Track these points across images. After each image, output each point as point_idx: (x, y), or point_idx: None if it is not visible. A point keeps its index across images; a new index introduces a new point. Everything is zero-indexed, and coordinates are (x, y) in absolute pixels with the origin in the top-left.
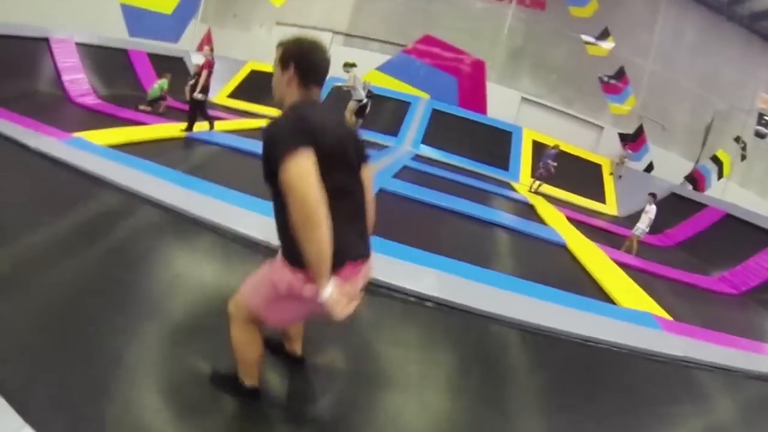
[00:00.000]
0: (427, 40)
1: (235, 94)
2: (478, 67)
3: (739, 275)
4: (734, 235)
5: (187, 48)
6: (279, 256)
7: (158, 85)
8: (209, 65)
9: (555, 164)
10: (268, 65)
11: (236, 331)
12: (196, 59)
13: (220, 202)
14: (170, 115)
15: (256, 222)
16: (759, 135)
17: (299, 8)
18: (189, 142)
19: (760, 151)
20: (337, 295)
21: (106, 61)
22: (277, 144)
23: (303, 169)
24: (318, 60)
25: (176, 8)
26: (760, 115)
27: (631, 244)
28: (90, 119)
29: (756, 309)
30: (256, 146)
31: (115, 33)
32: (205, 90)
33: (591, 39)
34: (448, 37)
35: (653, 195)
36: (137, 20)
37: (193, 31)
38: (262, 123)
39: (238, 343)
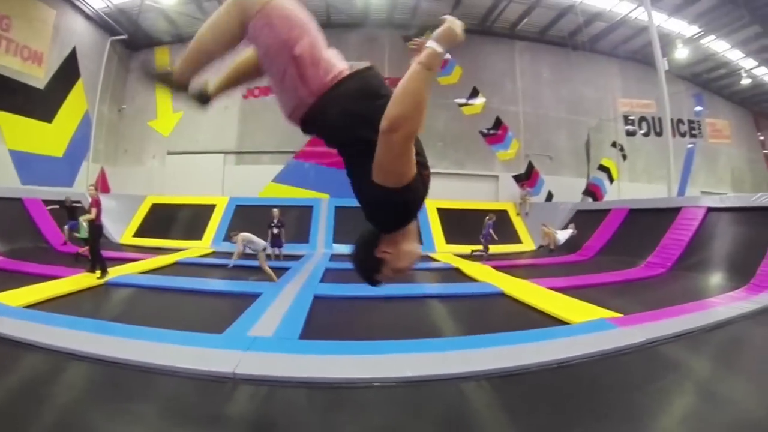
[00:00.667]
0: (315, 141)
1: (140, 232)
2: None
3: (660, 255)
4: (642, 223)
5: (82, 190)
6: None
7: (84, 218)
8: (96, 203)
9: (492, 232)
10: (167, 197)
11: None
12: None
13: (154, 344)
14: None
15: (194, 355)
16: (630, 134)
17: (188, 134)
18: (108, 288)
19: (635, 147)
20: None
21: (1, 214)
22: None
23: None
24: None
25: (66, 150)
26: (625, 117)
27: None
28: None
29: (686, 276)
30: (176, 282)
31: (5, 182)
32: (99, 230)
33: (464, 101)
34: None
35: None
36: (28, 166)
37: (86, 172)
38: (175, 258)
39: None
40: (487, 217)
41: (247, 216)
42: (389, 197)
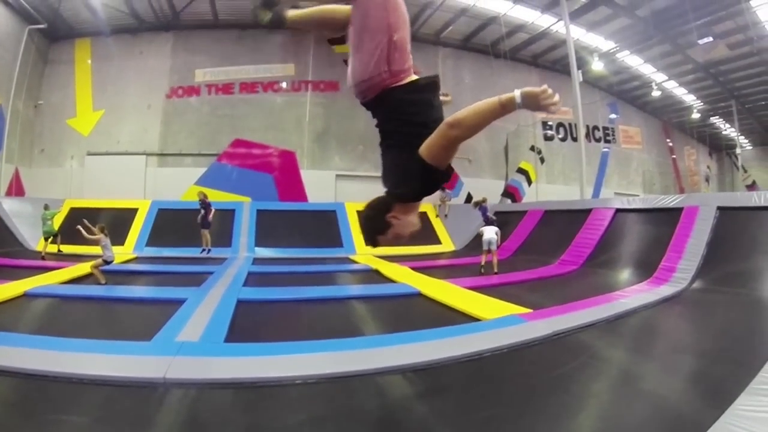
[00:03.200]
0: (237, 143)
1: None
2: (289, 158)
3: (572, 253)
4: (556, 224)
5: None
6: None
7: (49, 213)
8: None
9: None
10: (87, 201)
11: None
12: (7, 205)
13: (81, 354)
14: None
15: (124, 363)
16: (548, 138)
17: (108, 134)
18: (28, 300)
19: (553, 151)
20: (525, 89)
21: None
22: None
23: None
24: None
25: None
26: (544, 123)
27: (492, 261)
28: None
29: (595, 272)
30: (99, 290)
31: None
32: None
33: None
34: (256, 137)
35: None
36: None
37: None
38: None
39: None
40: (483, 200)
41: (169, 219)
42: (425, 171)
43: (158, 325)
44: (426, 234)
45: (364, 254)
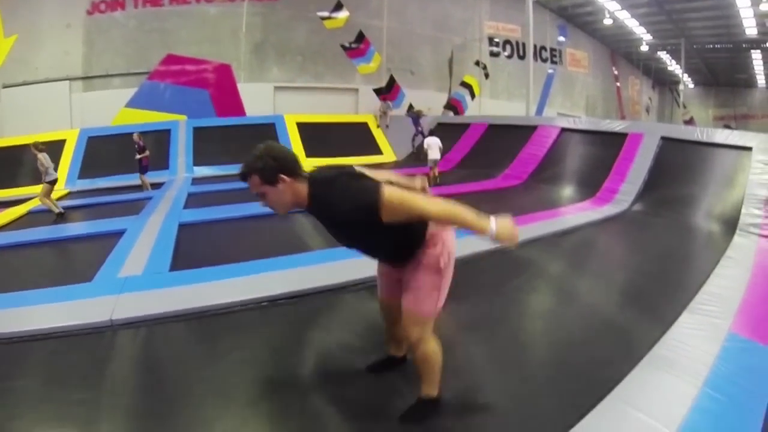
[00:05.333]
0: (170, 59)
1: None
2: (225, 72)
3: (516, 168)
4: (500, 138)
5: None
6: (411, 263)
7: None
8: None
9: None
10: (7, 139)
11: (431, 346)
12: None
13: (19, 309)
14: None
15: (66, 311)
16: (493, 55)
17: (25, 61)
18: None
19: (498, 67)
20: (501, 221)
21: None
22: (368, 200)
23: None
24: (288, 154)
25: None
26: (490, 39)
27: (434, 175)
28: None
29: (539, 187)
30: (31, 235)
31: None
32: None
33: (327, 14)
34: (190, 51)
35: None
36: None
37: None
38: (26, 208)
39: (435, 354)
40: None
41: (101, 147)
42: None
43: (99, 262)
44: (367, 144)
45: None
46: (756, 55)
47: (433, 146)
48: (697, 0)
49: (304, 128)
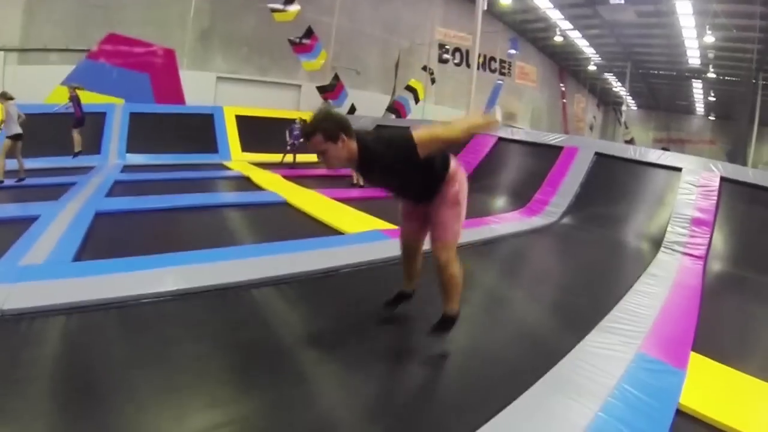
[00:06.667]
0: (111, 38)
1: None
2: (169, 56)
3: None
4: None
5: None
6: (436, 197)
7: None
8: None
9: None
10: None
11: (455, 269)
12: None
13: None
14: None
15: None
16: (442, 61)
17: None
18: None
19: (446, 74)
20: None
21: None
22: (406, 144)
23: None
24: (345, 119)
25: None
26: (441, 45)
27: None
28: None
29: (470, 195)
30: None
31: None
32: None
33: (278, 6)
34: (133, 32)
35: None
36: None
37: None
38: None
39: (458, 276)
40: (298, 120)
41: (31, 126)
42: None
43: (3, 249)
44: (303, 143)
45: (239, 160)
46: (697, 84)
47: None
48: (645, 27)
49: (243, 121)
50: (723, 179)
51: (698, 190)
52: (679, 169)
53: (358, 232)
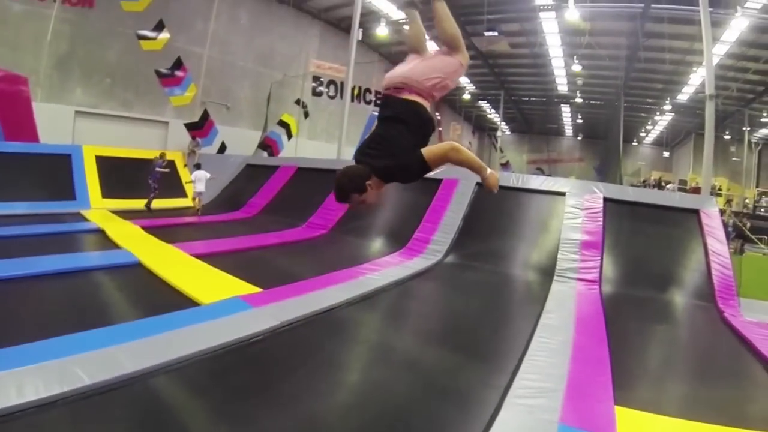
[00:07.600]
0: None
1: None
2: (21, 84)
3: (322, 216)
4: (309, 183)
5: None
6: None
7: None
8: None
9: (165, 170)
10: None
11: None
12: None
13: None
14: None
15: None
16: (316, 94)
17: None
18: None
19: (320, 107)
20: (492, 173)
21: None
22: (421, 166)
23: (436, 151)
24: (359, 168)
25: None
26: (315, 78)
27: (197, 207)
28: None
29: (344, 239)
30: None
31: None
32: None
33: (146, 33)
34: None
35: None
36: None
37: None
38: None
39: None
40: (158, 156)
41: None
42: (419, 165)
43: None
44: (172, 185)
45: (98, 209)
46: (565, 109)
47: (200, 179)
48: (517, 58)
49: (104, 163)
50: (606, 200)
51: (584, 213)
52: (562, 194)
53: (216, 301)
